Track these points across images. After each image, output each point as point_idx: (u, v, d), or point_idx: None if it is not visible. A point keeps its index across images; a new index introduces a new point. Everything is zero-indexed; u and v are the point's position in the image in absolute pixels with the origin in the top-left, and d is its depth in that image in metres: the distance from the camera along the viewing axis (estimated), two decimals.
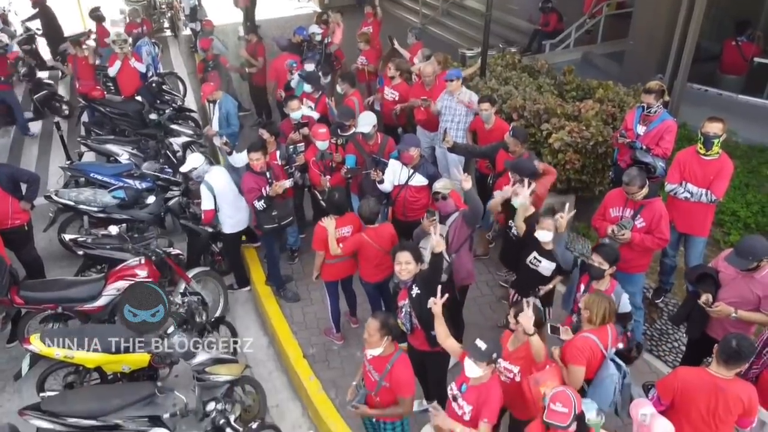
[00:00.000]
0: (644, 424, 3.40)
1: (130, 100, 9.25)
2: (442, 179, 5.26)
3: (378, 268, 5.47)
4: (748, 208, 7.11)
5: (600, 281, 4.43)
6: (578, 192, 6.81)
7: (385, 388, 3.98)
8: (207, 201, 6.05)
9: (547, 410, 3.23)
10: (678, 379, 3.75)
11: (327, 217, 5.36)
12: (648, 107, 5.86)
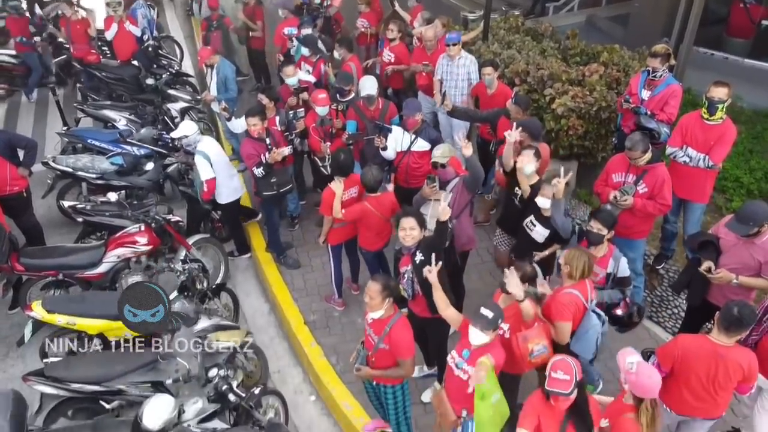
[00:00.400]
0: (631, 372, 3.43)
1: (126, 64, 9.12)
2: (441, 146, 5.19)
3: (378, 236, 5.46)
4: (752, 175, 7.05)
5: (598, 246, 4.42)
6: (581, 158, 6.75)
7: (383, 350, 3.99)
8: (206, 170, 5.96)
9: (548, 379, 3.23)
10: (678, 347, 3.76)
11: (335, 180, 5.32)
12: (653, 71, 5.75)
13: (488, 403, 3.54)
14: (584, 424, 3.36)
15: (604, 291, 4.41)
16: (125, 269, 5.75)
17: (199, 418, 4.05)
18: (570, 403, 3.26)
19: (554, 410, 3.30)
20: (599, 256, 4.42)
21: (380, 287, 3.89)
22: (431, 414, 4.86)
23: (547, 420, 3.32)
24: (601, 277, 4.43)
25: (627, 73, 6.69)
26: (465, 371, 3.71)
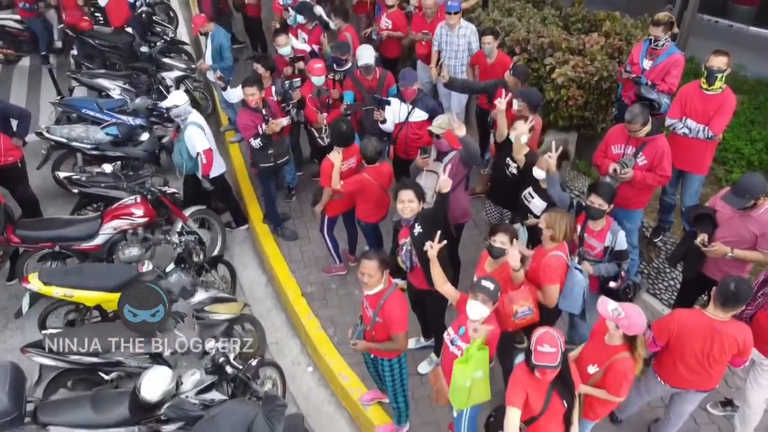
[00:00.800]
0: (621, 318, 3.48)
1: (119, 31, 8.93)
2: (441, 117, 5.12)
3: (377, 207, 5.44)
4: (753, 146, 6.99)
5: (597, 220, 4.40)
6: (580, 129, 6.68)
7: (380, 323, 4.00)
8: (202, 141, 5.87)
9: (534, 354, 3.23)
10: (674, 322, 3.78)
11: (334, 151, 5.27)
12: (655, 40, 5.64)
13: (468, 369, 3.54)
14: (568, 390, 3.41)
15: (600, 264, 4.41)
16: (122, 241, 5.75)
17: (197, 389, 4.08)
18: (556, 373, 3.29)
19: (540, 382, 3.33)
20: (597, 230, 4.41)
21: (376, 263, 3.88)
22: (428, 385, 4.90)
23: (534, 393, 3.35)
24: (598, 251, 4.42)
25: (629, 42, 6.57)
26: (459, 348, 3.74)
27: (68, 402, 4.15)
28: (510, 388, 3.40)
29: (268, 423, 3.53)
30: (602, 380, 3.68)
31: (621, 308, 3.51)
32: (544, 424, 3.40)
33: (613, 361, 3.60)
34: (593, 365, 3.71)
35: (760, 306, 3.93)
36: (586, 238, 4.42)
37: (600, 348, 3.72)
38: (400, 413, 4.51)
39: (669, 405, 4.27)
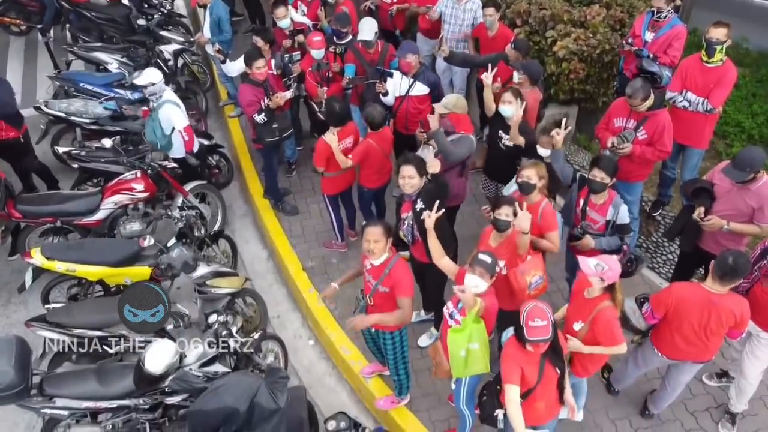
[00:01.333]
0: (606, 271, 3.56)
1: (116, 3, 8.76)
2: (449, 96, 5.10)
3: (379, 173, 5.49)
4: (754, 119, 6.96)
5: (599, 194, 4.40)
6: (581, 103, 6.64)
7: (381, 293, 4.02)
8: (181, 118, 5.76)
9: (526, 329, 3.27)
10: (672, 295, 3.82)
11: (329, 132, 5.25)
12: (658, 12, 5.59)
13: (462, 339, 3.59)
14: (558, 357, 3.48)
15: (602, 238, 4.42)
16: (123, 216, 5.77)
17: (200, 362, 4.14)
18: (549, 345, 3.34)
19: (532, 355, 3.38)
20: (599, 204, 4.41)
21: (381, 230, 3.90)
22: (428, 358, 4.97)
23: (528, 366, 3.40)
24: (600, 224, 4.42)
25: (631, 14, 6.48)
26: (457, 321, 3.78)
27: (73, 375, 4.21)
28: (504, 366, 3.45)
29: (272, 394, 3.58)
30: (590, 334, 3.76)
31: (605, 262, 3.60)
32: (541, 394, 3.47)
33: (596, 314, 3.69)
34: (578, 322, 3.80)
35: (757, 279, 3.97)
36: (588, 211, 4.43)
37: (582, 304, 3.80)
38: (401, 385, 4.58)
39: (665, 376, 4.34)
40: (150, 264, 5.02)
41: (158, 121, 5.77)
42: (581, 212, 4.47)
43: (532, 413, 3.51)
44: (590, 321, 3.74)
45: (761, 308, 3.95)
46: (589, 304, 3.76)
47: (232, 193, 6.99)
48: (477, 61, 6.24)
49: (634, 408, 4.64)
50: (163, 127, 5.77)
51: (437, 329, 5.00)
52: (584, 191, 4.50)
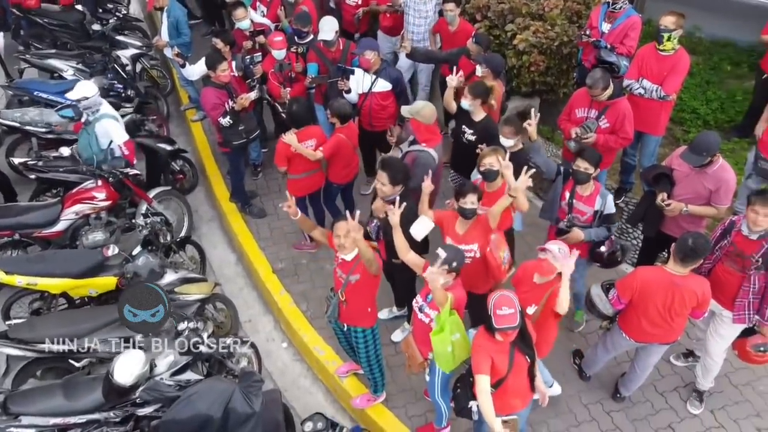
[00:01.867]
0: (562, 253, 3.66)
1: (69, 9, 8.55)
2: (417, 102, 5.12)
3: (347, 168, 5.51)
4: (708, 105, 7.16)
5: (585, 185, 4.42)
6: (543, 95, 6.74)
7: (352, 284, 4.00)
8: (121, 132, 5.62)
9: (494, 318, 3.30)
10: (637, 279, 3.91)
11: (288, 132, 5.22)
12: (613, 3, 5.71)
13: (445, 336, 3.62)
14: (527, 344, 3.53)
15: (591, 229, 4.45)
16: (85, 226, 5.62)
17: (171, 371, 4.07)
18: (517, 332, 3.38)
19: (502, 345, 3.42)
20: (586, 195, 4.44)
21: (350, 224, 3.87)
22: (402, 354, 4.98)
23: (498, 356, 3.44)
24: (588, 215, 4.45)
25: (588, 6, 6.60)
26: (428, 315, 3.81)
27: (39, 391, 4.09)
28: (475, 357, 3.48)
29: (246, 399, 3.55)
30: (543, 314, 3.83)
31: (563, 247, 3.70)
32: (512, 383, 3.51)
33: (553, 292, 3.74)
34: (531, 306, 3.85)
35: (719, 259, 4.08)
36: (576, 203, 4.45)
37: (533, 289, 3.85)
38: (376, 383, 4.58)
39: (634, 359, 4.43)
40: (115, 274, 4.91)
41: (94, 136, 5.58)
42: (568, 205, 4.48)
43: (504, 402, 3.55)
44: (545, 303, 3.81)
45: (723, 287, 4.06)
46: (542, 288, 3.83)
47: (197, 198, 6.88)
48: (439, 56, 6.27)
49: (606, 392, 4.73)
50: (100, 141, 5.58)
51: (410, 323, 5.02)
52: (570, 184, 4.50)
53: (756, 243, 3.87)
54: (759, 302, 3.99)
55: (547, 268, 3.74)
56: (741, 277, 3.99)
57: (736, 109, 7.04)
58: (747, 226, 3.88)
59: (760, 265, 3.87)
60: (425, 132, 4.93)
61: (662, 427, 4.51)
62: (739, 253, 3.95)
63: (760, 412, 4.58)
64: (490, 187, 4.43)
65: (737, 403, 4.64)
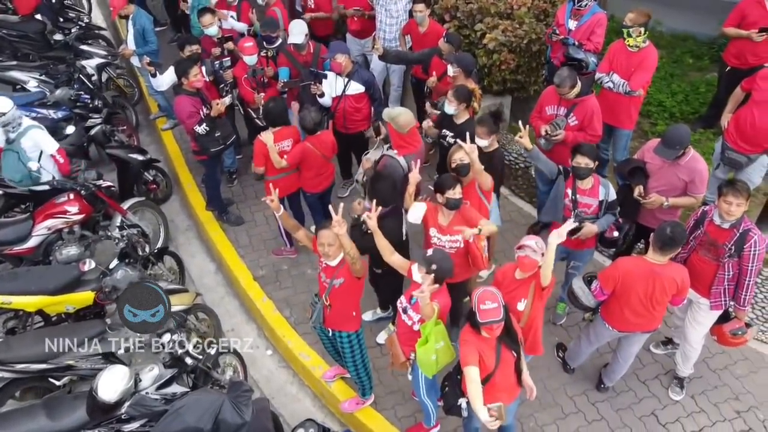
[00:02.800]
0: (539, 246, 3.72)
1: (29, 19, 8.34)
2: (396, 108, 5.13)
3: (320, 177, 5.46)
4: (674, 98, 7.35)
5: (585, 180, 4.49)
6: (514, 93, 6.83)
7: (336, 288, 3.99)
8: (51, 141, 5.53)
9: (478, 313, 3.33)
10: (619, 270, 3.99)
11: (265, 132, 5.20)
12: (579, 0, 5.81)
13: (430, 347, 3.69)
14: (513, 340, 3.57)
15: (600, 220, 4.51)
16: (58, 241, 5.48)
17: (156, 384, 4.00)
18: (502, 327, 3.41)
19: (488, 340, 3.45)
20: (588, 188, 4.50)
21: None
22: (387, 356, 5.00)
23: (485, 351, 3.47)
24: (594, 207, 4.52)
25: (554, 4, 6.72)
26: (411, 317, 3.86)
27: (20, 413, 3.97)
28: (463, 352, 3.51)
29: (236, 409, 3.52)
30: (534, 305, 3.89)
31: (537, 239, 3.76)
32: (500, 378, 3.55)
33: (537, 282, 3.81)
34: (521, 302, 3.89)
35: (693, 248, 4.19)
36: (580, 198, 4.51)
37: (518, 287, 3.88)
38: (364, 386, 4.57)
39: (617, 349, 4.52)
40: (92, 288, 4.81)
41: (20, 152, 5.44)
42: (572, 202, 4.53)
43: (492, 397, 3.57)
44: (533, 292, 3.86)
45: (699, 276, 4.17)
46: (525, 282, 3.88)
47: (172, 208, 6.79)
48: (411, 57, 6.30)
49: (590, 383, 4.81)
50: (30, 156, 5.43)
51: (394, 325, 5.04)
52: (570, 181, 4.56)
53: (728, 232, 3.98)
54: (734, 288, 4.12)
55: (528, 264, 3.78)
56: (716, 266, 4.10)
57: (699, 100, 7.24)
58: (719, 215, 3.98)
59: (733, 252, 3.98)
60: (397, 139, 4.93)
61: (645, 414, 4.60)
62: (713, 242, 4.06)
63: (738, 395, 4.71)
64: (465, 181, 4.48)
65: (716, 388, 4.77)
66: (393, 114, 4.90)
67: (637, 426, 4.52)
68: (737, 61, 6.21)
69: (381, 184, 4.41)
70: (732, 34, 6.13)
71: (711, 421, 4.55)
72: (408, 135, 4.88)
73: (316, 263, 4.24)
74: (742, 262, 3.99)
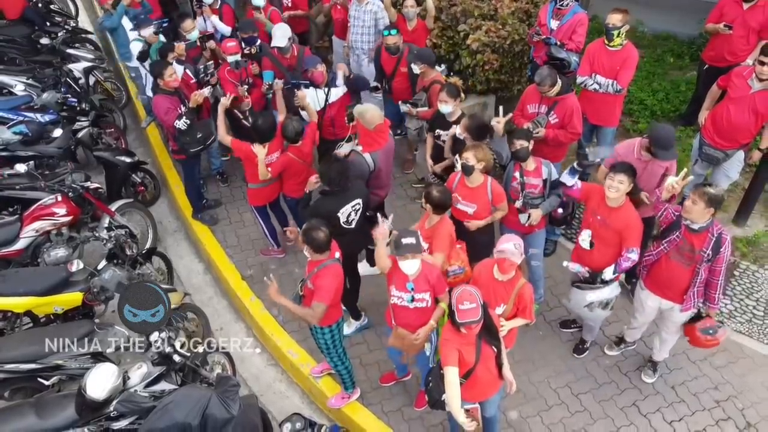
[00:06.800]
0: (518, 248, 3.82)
1: (15, 23, 8.37)
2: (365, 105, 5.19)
3: (302, 184, 5.47)
4: (654, 96, 7.46)
5: (527, 162, 4.65)
6: (498, 92, 6.92)
7: (308, 288, 4.07)
8: None
9: (457, 313, 3.39)
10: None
11: (259, 145, 5.24)
12: (560, 0, 5.91)
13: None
14: (493, 335, 3.63)
15: (545, 202, 4.69)
16: (46, 243, 5.52)
17: (145, 382, 4.05)
18: (480, 326, 3.47)
19: (468, 337, 3.51)
20: (532, 169, 4.66)
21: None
22: (376, 352, 5.11)
23: (465, 348, 3.54)
24: (539, 187, 4.67)
25: (536, 5, 6.81)
26: (422, 299, 3.95)
27: (9, 411, 4.00)
28: (443, 350, 3.58)
29: (224, 404, 3.56)
30: (513, 309, 3.99)
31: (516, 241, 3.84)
32: (481, 373, 3.62)
33: (520, 291, 3.93)
34: (500, 306, 3.98)
35: (665, 252, 4.17)
36: (527, 179, 4.66)
37: (496, 289, 3.94)
38: (345, 380, 4.66)
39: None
40: (81, 289, 4.86)
41: None
42: (520, 185, 4.68)
43: (475, 391, 3.70)
44: (514, 300, 3.95)
45: (672, 282, 4.19)
46: (506, 286, 3.96)
47: (160, 210, 6.84)
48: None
49: (573, 375, 4.90)
50: None
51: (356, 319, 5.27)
52: (517, 166, 4.72)
53: (703, 236, 3.96)
54: (704, 289, 4.16)
55: (508, 266, 3.86)
56: (690, 271, 4.10)
57: (680, 98, 7.36)
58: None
59: (711, 257, 3.98)
60: (364, 136, 4.99)
61: (627, 405, 4.70)
62: (690, 248, 4.04)
63: (717, 385, 4.81)
64: (470, 182, 4.57)
65: (696, 378, 4.87)
66: (361, 110, 4.99)
67: (619, 417, 4.62)
68: (715, 60, 6.35)
69: (334, 165, 4.58)
70: (710, 29, 6.31)
71: (691, 410, 4.65)
72: (374, 131, 4.93)
73: (304, 262, 4.29)
74: (715, 264, 4.02)
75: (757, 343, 5.10)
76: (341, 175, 4.53)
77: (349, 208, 4.63)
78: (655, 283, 4.32)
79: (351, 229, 4.69)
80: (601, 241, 4.36)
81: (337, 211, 4.57)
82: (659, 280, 4.25)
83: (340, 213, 4.59)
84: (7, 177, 5.82)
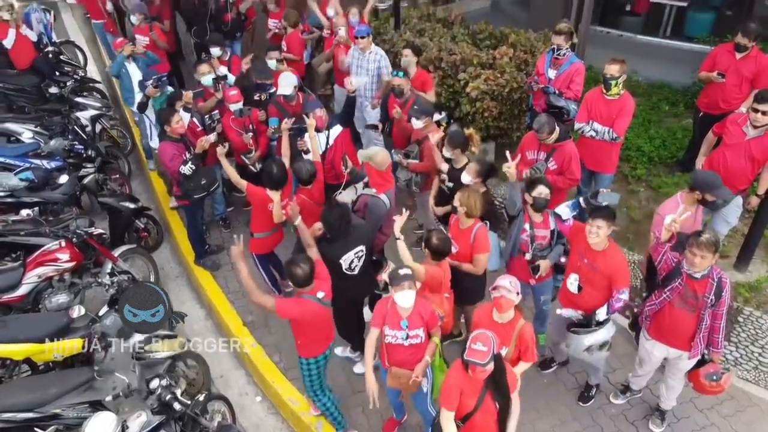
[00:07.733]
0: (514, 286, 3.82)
1: (25, 73, 8.58)
2: (374, 148, 5.30)
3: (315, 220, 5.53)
4: (651, 143, 7.56)
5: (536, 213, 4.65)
6: (497, 139, 7.04)
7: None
8: None
9: (467, 349, 3.38)
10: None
11: (274, 192, 5.25)
12: (558, 49, 6.06)
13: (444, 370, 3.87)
14: (501, 393, 3.55)
15: (551, 254, 4.68)
16: (48, 289, 5.51)
17: (144, 431, 3.98)
18: (488, 374, 3.42)
19: (473, 381, 3.47)
20: (539, 221, 4.66)
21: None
22: (359, 394, 5.00)
23: (468, 390, 3.50)
24: (548, 238, 4.66)
25: (534, 54, 7.00)
26: (416, 336, 3.95)
27: None
28: (445, 388, 3.57)
29: None
30: (516, 351, 3.97)
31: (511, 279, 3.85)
32: (479, 421, 3.56)
33: (520, 332, 3.92)
34: (503, 349, 3.93)
35: (668, 300, 4.14)
36: (536, 232, 4.65)
37: (497, 332, 3.83)
38: (333, 419, 4.62)
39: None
40: (82, 335, 4.80)
41: None
42: (530, 237, 4.66)
43: None
44: (515, 342, 3.92)
45: (678, 330, 4.17)
46: (507, 328, 3.94)
47: (163, 255, 6.85)
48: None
49: (579, 425, 4.82)
50: None
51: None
52: (527, 216, 4.70)
53: (705, 282, 3.96)
54: (708, 334, 4.14)
55: (505, 304, 3.85)
56: (696, 317, 4.07)
57: (676, 145, 7.47)
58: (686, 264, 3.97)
59: (714, 302, 3.98)
60: (377, 177, 5.08)
61: None
62: (692, 295, 4.03)
63: None
64: (461, 224, 4.62)
65: (704, 428, 4.79)
66: (370, 153, 5.08)
67: None
68: (709, 107, 6.48)
69: (335, 210, 4.58)
70: (704, 77, 6.45)
71: None
72: (386, 172, 5.08)
73: None
74: (717, 309, 4.01)
75: (765, 391, 5.04)
76: (342, 221, 4.55)
77: (351, 254, 4.64)
78: (660, 332, 4.29)
79: (354, 275, 4.69)
80: (589, 284, 4.34)
81: (338, 258, 4.59)
82: (664, 329, 4.23)
83: (342, 260, 4.59)
84: (11, 222, 5.85)
